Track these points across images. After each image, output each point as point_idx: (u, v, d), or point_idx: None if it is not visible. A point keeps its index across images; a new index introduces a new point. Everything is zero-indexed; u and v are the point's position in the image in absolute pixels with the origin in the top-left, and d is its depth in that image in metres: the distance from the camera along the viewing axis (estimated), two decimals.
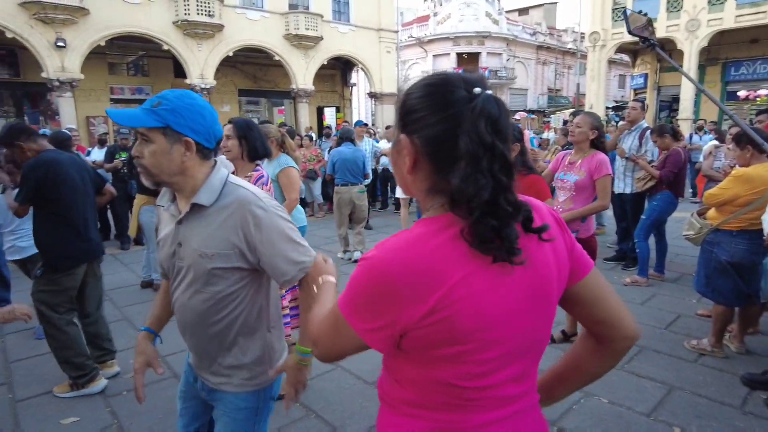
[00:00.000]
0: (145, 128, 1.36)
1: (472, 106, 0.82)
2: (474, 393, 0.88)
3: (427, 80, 0.92)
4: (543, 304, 0.90)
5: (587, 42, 22.52)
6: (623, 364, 3.34)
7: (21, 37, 14.86)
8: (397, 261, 0.82)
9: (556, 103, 37.71)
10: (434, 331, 0.82)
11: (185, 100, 1.41)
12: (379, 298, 0.83)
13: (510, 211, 0.83)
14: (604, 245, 6.38)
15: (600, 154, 3.37)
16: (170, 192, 1.52)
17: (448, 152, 0.83)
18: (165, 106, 1.37)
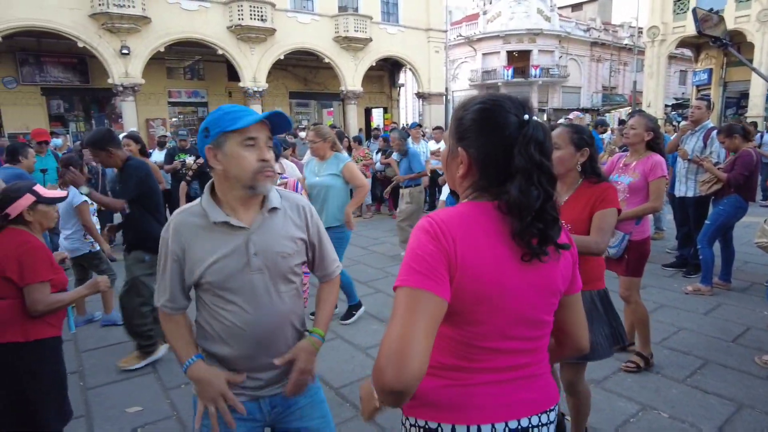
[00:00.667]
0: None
1: (524, 132, 1.02)
2: (479, 353, 1.06)
3: (481, 103, 1.10)
4: (546, 294, 1.09)
5: (645, 37, 21.55)
6: (686, 378, 3.18)
7: (90, 46, 15.83)
8: (444, 221, 1.01)
9: (611, 101, 36.29)
10: (463, 289, 0.99)
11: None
12: (435, 253, 0.98)
13: (554, 216, 1.04)
14: (663, 250, 6.09)
15: (656, 156, 3.24)
16: (217, 206, 1.45)
17: (498, 166, 1.04)
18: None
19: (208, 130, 1.38)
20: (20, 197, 2.22)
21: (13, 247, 2.14)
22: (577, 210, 2.19)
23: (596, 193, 2.17)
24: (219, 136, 1.37)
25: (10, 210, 2.19)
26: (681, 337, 3.80)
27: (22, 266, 2.11)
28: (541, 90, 34.42)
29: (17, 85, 17.53)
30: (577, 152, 2.18)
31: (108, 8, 15.16)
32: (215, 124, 1.37)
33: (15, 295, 2.12)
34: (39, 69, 17.86)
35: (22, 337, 2.12)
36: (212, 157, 1.39)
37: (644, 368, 3.28)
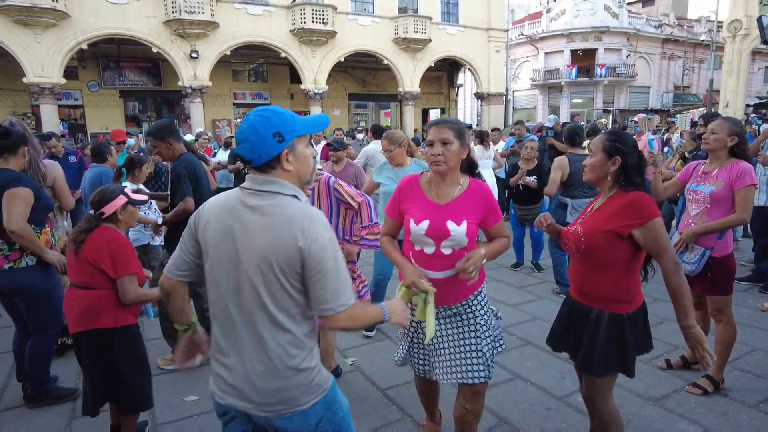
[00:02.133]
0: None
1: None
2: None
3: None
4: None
5: (725, 32, 20.10)
6: (758, 403, 2.95)
7: (164, 51, 16.82)
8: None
9: (683, 102, 34.15)
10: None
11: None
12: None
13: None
14: (738, 263, 5.66)
15: (742, 163, 3.00)
16: None
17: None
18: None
19: (282, 135, 1.41)
20: (115, 198, 2.49)
21: (106, 242, 2.41)
22: (599, 220, 2.10)
23: (623, 204, 2.03)
24: (294, 140, 1.46)
25: (105, 209, 2.46)
26: (754, 358, 3.53)
27: (114, 260, 2.39)
28: (607, 90, 32.94)
29: (99, 88, 18.92)
30: (609, 160, 2.09)
31: (180, 15, 16.05)
32: (289, 129, 1.43)
33: (108, 285, 2.41)
34: (118, 73, 19.21)
35: (113, 323, 2.42)
36: (285, 160, 1.45)
37: (712, 393, 3.06)
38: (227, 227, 1.45)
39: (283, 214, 1.41)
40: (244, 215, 1.44)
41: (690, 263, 3.02)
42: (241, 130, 1.45)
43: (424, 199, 2.20)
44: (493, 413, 2.92)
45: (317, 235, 1.39)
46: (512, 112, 30.68)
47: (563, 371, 3.38)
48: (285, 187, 1.45)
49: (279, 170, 1.45)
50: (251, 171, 1.47)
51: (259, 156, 1.42)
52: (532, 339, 3.90)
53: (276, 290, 1.42)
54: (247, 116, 1.47)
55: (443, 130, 2.11)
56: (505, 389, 3.18)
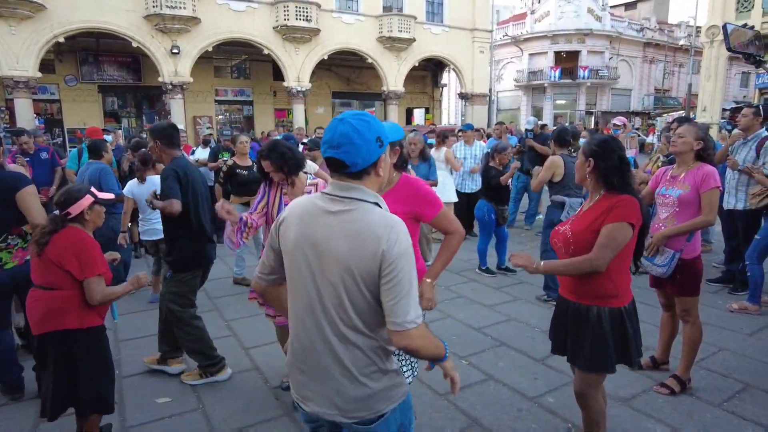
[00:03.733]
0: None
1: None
2: None
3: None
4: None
5: (703, 37, 20.51)
6: (722, 402, 3.02)
7: (144, 46, 16.55)
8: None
9: (663, 105, 34.79)
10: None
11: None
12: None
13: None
14: (710, 264, 5.78)
15: (707, 166, 3.06)
16: None
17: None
18: None
19: (381, 140, 1.45)
20: (82, 197, 2.44)
21: (71, 243, 2.37)
22: (586, 221, 2.21)
23: (607, 206, 2.16)
24: (387, 146, 1.51)
25: (72, 209, 2.42)
26: (721, 358, 3.61)
27: (81, 261, 2.35)
28: (590, 92, 33.37)
29: (77, 83, 18.55)
30: (585, 162, 2.24)
31: (161, 9, 15.80)
32: (384, 135, 1.48)
33: (73, 286, 2.38)
34: (97, 68, 18.84)
35: (79, 324, 2.39)
36: (380, 166, 1.49)
37: (679, 393, 3.12)
38: (309, 233, 1.44)
39: (365, 220, 1.39)
40: (326, 221, 1.42)
41: (661, 266, 3.08)
42: (343, 133, 1.39)
43: None
44: (466, 414, 2.94)
45: (398, 240, 1.38)
46: (496, 113, 30.88)
47: (536, 372, 3.43)
48: (367, 194, 1.44)
49: (372, 176, 1.45)
50: (337, 177, 1.45)
51: (363, 160, 1.40)
52: (507, 340, 3.93)
53: (356, 297, 1.39)
54: (344, 120, 1.42)
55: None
56: (479, 390, 3.20)
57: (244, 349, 3.88)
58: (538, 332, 4.05)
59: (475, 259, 5.87)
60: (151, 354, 3.62)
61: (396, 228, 1.40)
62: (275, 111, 22.79)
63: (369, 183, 1.46)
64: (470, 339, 3.99)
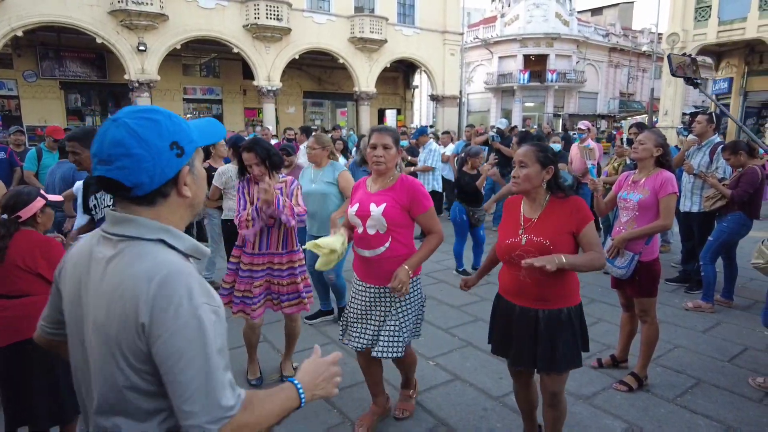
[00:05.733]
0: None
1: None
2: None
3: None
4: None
5: (665, 44, 21.24)
6: (675, 397, 3.16)
7: (109, 42, 16.09)
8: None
9: (628, 108, 35.89)
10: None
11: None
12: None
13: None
14: (668, 264, 6.01)
15: (665, 172, 3.20)
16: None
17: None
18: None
19: (181, 146, 1.06)
20: (33, 200, 2.38)
21: (35, 245, 2.31)
22: (554, 227, 2.24)
23: (571, 209, 2.25)
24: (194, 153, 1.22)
25: (22, 212, 2.34)
26: (676, 355, 3.77)
27: (51, 262, 2.28)
28: (557, 95, 34.12)
29: (37, 78, 17.89)
30: (543, 170, 2.26)
31: (127, 5, 15.40)
32: (187, 138, 1.09)
33: (44, 290, 2.26)
34: (58, 63, 18.21)
35: None
36: (183, 182, 1.11)
37: (636, 390, 3.24)
38: (75, 289, 1.07)
39: (128, 272, 0.96)
40: (94, 272, 1.03)
41: (621, 267, 3.20)
42: (115, 141, 0.97)
43: (364, 190, 2.68)
44: (432, 414, 2.99)
45: (168, 307, 0.92)
46: (466, 115, 31.23)
47: (501, 372, 3.50)
48: (148, 228, 1.01)
49: (172, 198, 1.06)
50: (119, 204, 1.05)
51: (151, 179, 0.99)
52: (473, 340, 4.01)
53: (122, 383, 0.98)
54: (117, 121, 0.99)
55: (384, 136, 2.54)
56: (444, 391, 3.26)
57: None
58: None
59: (446, 260, 5.96)
60: None
61: (172, 281, 0.94)
62: (245, 110, 22.49)
63: (165, 211, 1.05)
64: (438, 340, 4.05)
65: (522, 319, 2.32)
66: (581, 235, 2.22)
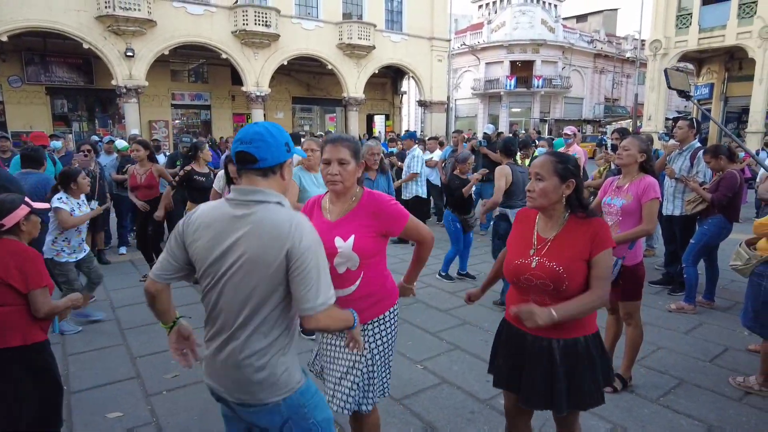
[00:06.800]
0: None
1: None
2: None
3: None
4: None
5: (647, 50, 21.65)
6: (659, 397, 3.22)
7: (96, 47, 15.98)
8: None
9: (613, 113, 36.39)
10: None
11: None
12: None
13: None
14: (652, 267, 6.12)
15: (648, 177, 3.25)
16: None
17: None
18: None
19: (289, 147, 1.61)
20: (17, 208, 2.34)
21: (12, 255, 2.26)
22: (571, 251, 1.95)
23: (591, 232, 1.95)
24: (292, 156, 1.70)
25: (6, 221, 2.30)
26: (659, 356, 3.84)
27: (25, 273, 2.24)
28: (543, 100, 34.52)
29: (22, 84, 17.70)
30: (563, 184, 1.96)
31: (114, 11, 15.32)
32: (291, 146, 1.65)
33: (16, 301, 2.26)
34: (44, 69, 18.04)
35: (23, 341, 2.27)
36: (286, 169, 1.64)
37: (620, 391, 3.30)
38: (217, 237, 1.53)
39: (271, 219, 1.50)
40: (233, 225, 1.52)
41: None
42: (255, 131, 1.54)
43: (320, 217, 2.15)
44: (419, 418, 3.02)
45: (302, 236, 1.49)
46: (454, 120, 31.46)
47: (488, 375, 3.52)
48: (270, 195, 1.55)
49: (277, 177, 1.58)
50: (246, 174, 1.56)
51: (271, 157, 1.54)
52: (461, 343, 4.05)
53: (262, 294, 1.51)
54: (257, 124, 1.57)
55: (340, 149, 2.01)
56: (432, 394, 3.29)
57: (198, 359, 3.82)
58: (492, 335, 4.17)
59: (434, 264, 5.99)
60: (106, 369, 3.54)
61: (300, 224, 1.52)
62: (234, 116, 22.44)
63: (274, 184, 1.58)
64: (426, 343, 4.08)
65: (534, 349, 2.02)
66: (593, 261, 1.92)
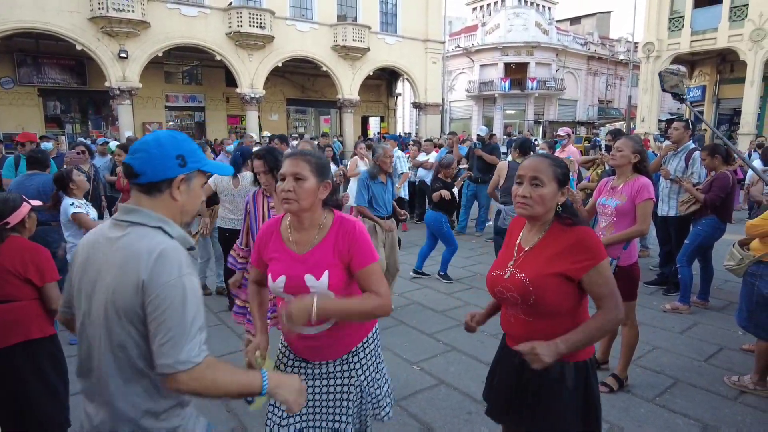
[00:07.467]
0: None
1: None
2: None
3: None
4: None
5: (640, 53, 21.80)
6: (654, 397, 3.23)
7: (89, 49, 15.90)
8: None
9: (606, 115, 36.60)
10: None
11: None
12: None
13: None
14: (647, 268, 6.15)
15: (642, 178, 3.27)
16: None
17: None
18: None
19: (185, 160, 1.36)
20: (20, 206, 2.41)
21: (26, 251, 2.35)
22: (542, 262, 1.73)
23: (571, 243, 1.70)
24: (195, 171, 1.44)
25: (11, 218, 2.37)
26: (655, 355, 3.86)
27: (40, 268, 2.34)
28: (538, 102, 34.67)
29: (14, 85, 17.59)
30: (559, 191, 1.76)
31: (108, 12, 15.26)
32: (194, 158, 1.40)
33: (33, 295, 2.36)
34: (36, 70, 17.93)
35: (41, 333, 2.37)
36: (177, 187, 1.42)
37: (616, 391, 3.31)
38: (88, 264, 1.32)
39: (134, 247, 1.24)
40: (104, 250, 1.29)
41: None
42: (144, 140, 1.33)
43: (282, 248, 1.82)
44: (416, 419, 3.01)
45: (162, 271, 1.21)
46: (449, 122, 31.53)
47: (485, 376, 3.53)
48: (149, 217, 1.30)
49: (165, 196, 1.33)
50: (132, 190, 1.34)
51: (153, 172, 1.30)
52: (458, 345, 4.05)
53: (122, 336, 1.24)
54: (155, 132, 1.38)
55: (297, 163, 1.73)
56: (429, 395, 3.29)
57: None
58: (488, 336, 4.19)
59: (432, 265, 5.99)
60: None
61: (166, 256, 1.24)
62: (228, 117, 22.39)
63: (160, 204, 1.33)
64: (422, 344, 4.08)
65: (507, 361, 1.89)
66: (584, 281, 1.69)
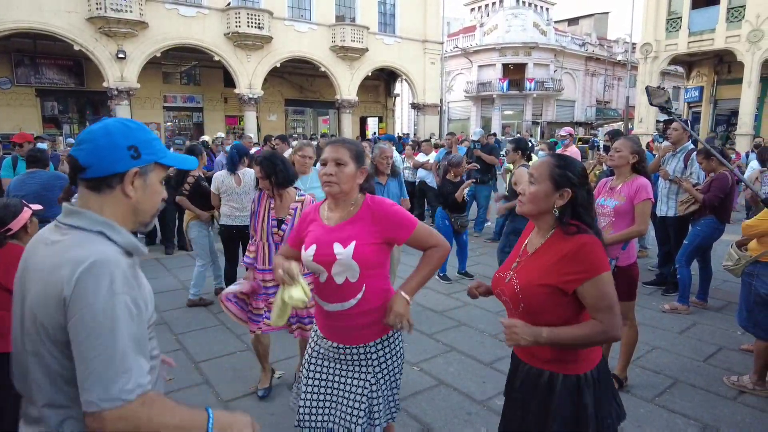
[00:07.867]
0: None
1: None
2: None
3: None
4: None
5: (638, 53, 21.83)
6: (654, 397, 3.24)
7: (87, 49, 15.88)
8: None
9: (604, 116, 36.66)
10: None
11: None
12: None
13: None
14: (645, 268, 6.16)
15: (641, 179, 3.27)
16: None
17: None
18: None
19: (139, 151, 1.18)
20: (21, 211, 2.35)
21: (11, 261, 2.23)
22: (533, 270, 1.69)
23: (568, 252, 1.62)
24: (151, 164, 1.25)
25: (13, 224, 2.31)
26: (654, 356, 3.86)
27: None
28: (536, 103, 34.71)
29: (11, 85, 17.54)
30: (555, 192, 1.66)
31: (105, 12, 15.24)
32: (150, 150, 1.22)
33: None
34: (34, 70, 17.89)
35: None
36: (130, 182, 1.22)
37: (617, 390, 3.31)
38: (25, 270, 1.15)
39: (63, 257, 1.05)
40: (38, 253, 1.13)
41: None
42: (90, 129, 1.15)
43: (318, 223, 2.01)
44: (417, 420, 3.01)
45: (87, 288, 1.00)
46: (447, 123, 31.56)
47: (485, 376, 3.55)
48: (91, 219, 1.11)
49: (117, 193, 1.15)
50: (78, 186, 1.16)
51: (99, 164, 1.11)
52: (457, 345, 4.05)
53: (47, 359, 1.06)
54: (104, 120, 1.18)
55: (339, 149, 1.90)
56: (429, 396, 3.29)
57: (194, 363, 3.79)
58: (487, 336, 4.19)
59: None
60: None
61: (98, 267, 1.02)
62: (226, 118, 22.37)
63: (110, 202, 1.15)
64: (422, 345, 4.08)
65: (513, 370, 1.86)
66: (580, 294, 1.62)
